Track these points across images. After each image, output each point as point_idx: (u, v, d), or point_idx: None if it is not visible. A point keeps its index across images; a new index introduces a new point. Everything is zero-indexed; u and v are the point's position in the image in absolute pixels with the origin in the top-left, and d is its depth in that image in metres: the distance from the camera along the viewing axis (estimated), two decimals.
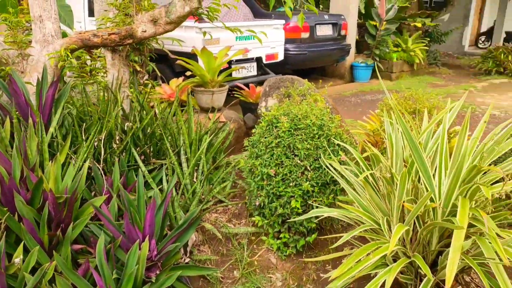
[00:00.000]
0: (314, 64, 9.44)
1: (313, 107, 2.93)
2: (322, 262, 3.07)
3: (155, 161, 3.30)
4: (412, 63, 10.21)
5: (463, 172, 2.11)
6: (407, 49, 10.14)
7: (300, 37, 8.77)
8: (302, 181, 2.73)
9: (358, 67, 9.97)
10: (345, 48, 9.59)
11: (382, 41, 9.92)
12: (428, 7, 15.64)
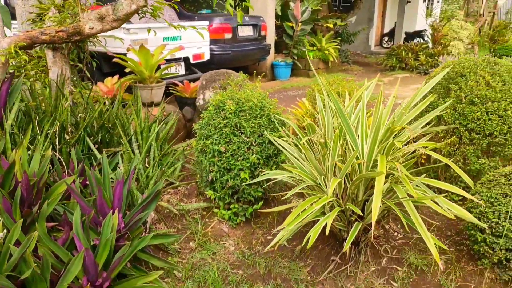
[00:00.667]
0: (238, 64, 9.95)
1: (253, 92, 3.41)
2: (268, 227, 3.55)
3: (109, 150, 3.57)
4: (327, 61, 11.14)
5: (380, 134, 2.70)
6: (321, 48, 11.04)
7: (224, 38, 9.24)
8: (249, 155, 3.19)
9: (279, 66, 10.66)
10: (266, 48, 10.23)
11: (299, 41, 10.72)
12: (336, 10, 16.90)
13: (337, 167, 2.79)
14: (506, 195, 2.57)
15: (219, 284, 3.02)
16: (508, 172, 2.67)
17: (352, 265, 3.07)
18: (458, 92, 3.06)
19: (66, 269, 2.42)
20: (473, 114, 3.00)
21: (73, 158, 3.25)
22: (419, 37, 16.25)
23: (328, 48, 10.99)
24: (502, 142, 3.02)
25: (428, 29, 17.21)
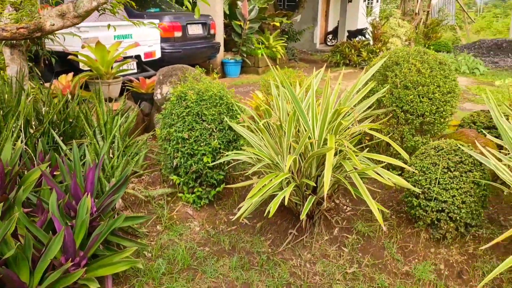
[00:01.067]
0: (188, 62, 10.13)
1: (212, 83, 3.70)
2: (230, 208, 3.85)
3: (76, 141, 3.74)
4: (275, 58, 11.57)
5: (329, 116, 3.08)
6: (269, 46, 11.45)
7: (174, 36, 9.44)
8: (211, 141, 3.48)
9: (228, 64, 10.97)
10: (215, 46, 10.50)
11: (248, 39, 11.08)
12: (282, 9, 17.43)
13: (292, 147, 3.14)
14: (435, 164, 3.03)
15: (187, 260, 3.30)
16: (436, 145, 3.14)
17: (307, 236, 3.44)
18: (394, 79, 3.51)
19: (47, 247, 2.61)
20: (407, 97, 3.45)
21: (41, 149, 3.40)
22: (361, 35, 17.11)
23: (276, 46, 11.42)
24: (432, 121, 3.50)
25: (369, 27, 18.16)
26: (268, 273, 3.18)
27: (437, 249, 3.20)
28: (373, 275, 3.10)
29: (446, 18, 14.82)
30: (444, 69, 3.49)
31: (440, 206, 3.00)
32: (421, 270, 3.07)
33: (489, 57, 13.21)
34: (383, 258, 3.22)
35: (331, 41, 19.27)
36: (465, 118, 4.21)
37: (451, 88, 3.49)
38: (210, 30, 10.32)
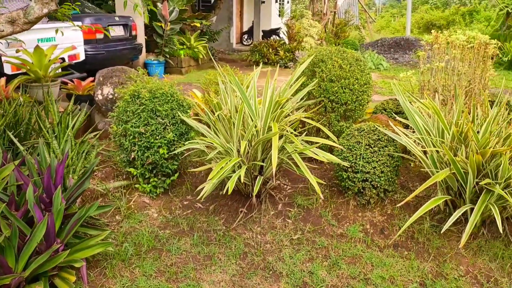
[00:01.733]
0: (111, 63, 10.20)
1: (163, 82, 4.12)
2: (183, 195, 4.30)
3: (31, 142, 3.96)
4: (197, 58, 12.01)
5: (272, 106, 3.66)
6: (191, 46, 11.86)
7: (96, 38, 9.51)
8: (166, 134, 3.91)
9: (151, 64, 11.21)
10: (138, 47, 10.70)
11: (169, 40, 11.40)
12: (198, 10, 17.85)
13: (241, 135, 3.68)
14: (359, 142, 3.74)
15: (151, 242, 3.70)
16: (359, 127, 3.86)
17: (256, 213, 4.01)
18: (321, 74, 4.18)
19: (31, 234, 2.91)
20: (332, 89, 4.14)
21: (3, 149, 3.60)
22: (275, 35, 18.07)
23: (198, 46, 11.86)
24: (353, 109, 4.23)
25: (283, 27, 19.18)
26: (226, 246, 3.69)
27: (363, 213, 3.93)
28: (314, 238, 3.74)
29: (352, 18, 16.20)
30: (360, 65, 4.24)
31: (364, 177, 3.71)
32: (352, 231, 3.77)
33: (390, 54, 14.73)
34: (321, 224, 3.88)
35: (247, 40, 20.05)
36: (377, 106, 5.03)
37: (367, 80, 4.25)
38: (131, 31, 10.49)
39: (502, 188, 3.11)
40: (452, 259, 3.47)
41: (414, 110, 3.63)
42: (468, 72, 4.04)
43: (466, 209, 3.34)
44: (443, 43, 4.12)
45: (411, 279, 3.35)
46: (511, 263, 3.39)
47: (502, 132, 3.22)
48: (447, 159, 3.36)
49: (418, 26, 25.84)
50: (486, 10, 25.18)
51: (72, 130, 4.17)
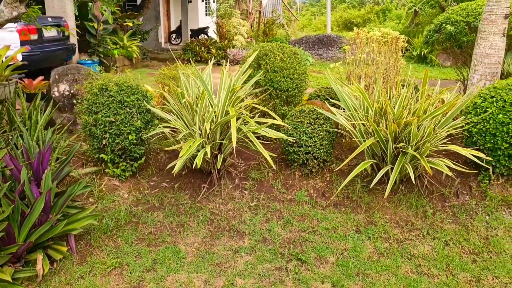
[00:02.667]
0: (46, 64, 10.35)
1: (126, 76, 4.67)
2: (150, 176, 4.87)
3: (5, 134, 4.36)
4: (131, 57, 12.35)
5: (229, 93, 4.37)
6: (124, 46, 12.19)
7: (30, 39, 9.62)
8: (134, 122, 4.48)
9: (86, 64, 11.39)
10: (71, 48, 10.88)
11: (103, 40, 11.66)
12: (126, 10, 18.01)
13: (201, 120, 4.35)
14: (301, 121, 4.56)
15: (128, 216, 4.28)
16: (300, 109, 4.68)
17: (217, 187, 4.69)
18: (266, 65, 4.95)
19: (32, 208, 3.40)
20: (276, 78, 4.93)
21: None
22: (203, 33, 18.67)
23: (131, 46, 12.22)
24: (294, 95, 5.05)
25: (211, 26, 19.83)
26: (194, 215, 4.36)
27: (307, 180, 4.76)
28: (269, 204, 4.51)
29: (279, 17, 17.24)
30: (298, 57, 5.07)
31: (307, 150, 4.53)
32: (299, 196, 4.58)
33: (314, 50, 15.94)
34: (273, 193, 4.66)
35: (175, 40, 20.45)
36: (311, 94, 5.90)
37: (304, 70, 5.09)
38: (64, 31, 10.66)
39: (414, 150, 4.06)
40: (379, 210, 4.39)
41: (345, 93, 4.51)
42: (384, 62, 5.00)
43: (388, 169, 4.27)
44: (364, 38, 5.04)
45: (348, 228, 4.22)
46: (422, 210, 4.37)
47: (411, 107, 4.17)
48: (371, 130, 4.27)
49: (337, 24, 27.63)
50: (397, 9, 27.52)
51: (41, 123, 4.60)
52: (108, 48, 11.77)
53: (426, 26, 17.54)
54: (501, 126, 4.07)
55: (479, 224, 4.18)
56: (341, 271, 3.70)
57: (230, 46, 13.66)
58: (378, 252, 3.94)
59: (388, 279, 3.61)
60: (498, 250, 3.89)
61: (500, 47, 4.78)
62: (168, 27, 20.79)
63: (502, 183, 4.38)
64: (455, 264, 3.75)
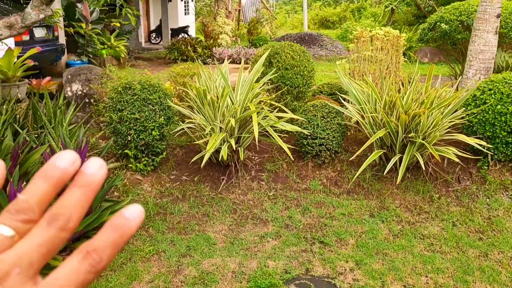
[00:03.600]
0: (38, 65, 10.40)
1: (147, 76, 4.91)
2: (169, 171, 5.12)
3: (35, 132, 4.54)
4: (119, 57, 12.46)
5: (248, 89, 4.66)
6: (112, 46, 12.29)
7: (22, 40, 9.65)
8: (157, 118, 4.73)
9: (74, 65, 11.45)
10: (61, 48, 10.94)
11: (91, 40, 11.74)
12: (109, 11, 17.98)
13: (223, 115, 4.63)
14: (315, 115, 4.90)
15: (155, 207, 4.53)
16: (313, 104, 5.02)
17: (234, 179, 4.99)
18: (277, 63, 5.27)
19: None
20: (287, 76, 5.25)
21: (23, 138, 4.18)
22: (184, 32, 18.83)
23: (119, 46, 12.32)
24: (303, 90, 5.39)
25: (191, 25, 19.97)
26: (217, 205, 4.64)
27: (320, 171, 5.10)
28: (286, 193, 4.84)
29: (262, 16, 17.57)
30: (306, 55, 5.41)
31: (321, 142, 4.88)
32: (314, 185, 4.92)
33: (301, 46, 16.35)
34: (289, 183, 4.98)
35: (155, 39, 20.53)
36: (314, 90, 6.25)
37: (312, 68, 5.43)
38: (54, 32, 10.71)
39: (422, 139, 4.45)
40: (389, 197, 4.78)
41: (354, 88, 4.88)
42: (386, 59, 5.39)
43: (397, 159, 4.65)
44: (367, 37, 5.42)
45: (363, 213, 4.59)
46: (428, 195, 4.78)
47: (419, 99, 4.57)
48: (380, 122, 4.65)
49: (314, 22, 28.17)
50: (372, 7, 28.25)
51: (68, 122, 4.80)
52: (97, 48, 11.86)
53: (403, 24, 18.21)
54: (499, 116, 4.51)
55: (481, 206, 4.61)
56: (362, 251, 4.06)
57: (216, 45, 13.90)
58: (393, 234, 4.31)
59: (405, 257, 3.98)
60: (500, 228, 4.33)
61: (493, 43, 5.24)
62: (148, 27, 20.85)
63: (500, 168, 4.83)
64: (463, 242, 4.16)
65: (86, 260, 0.35)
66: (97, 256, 0.35)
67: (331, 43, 16.26)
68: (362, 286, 3.61)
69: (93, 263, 0.35)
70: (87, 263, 0.35)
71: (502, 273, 3.75)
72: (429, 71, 4.71)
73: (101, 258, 0.35)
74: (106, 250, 0.36)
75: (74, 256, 0.35)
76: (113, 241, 0.36)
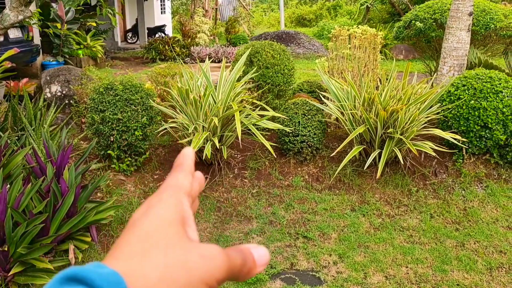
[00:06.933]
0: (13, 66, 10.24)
1: (128, 76, 4.94)
2: (152, 170, 5.16)
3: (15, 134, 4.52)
4: (96, 57, 12.36)
5: (230, 88, 4.74)
6: (88, 46, 12.19)
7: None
8: (140, 118, 4.76)
9: (51, 65, 11.31)
10: (36, 49, 10.80)
11: (67, 40, 11.62)
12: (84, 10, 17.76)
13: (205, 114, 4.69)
14: (296, 113, 5.00)
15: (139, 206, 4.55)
16: (294, 102, 5.12)
17: (218, 177, 5.06)
18: (258, 62, 5.35)
19: (62, 202, 3.64)
20: (268, 74, 5.34)
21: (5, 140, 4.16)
22: (160, 32, 18.75)
23: (96, 46, 12.22)
24: (284, 89, 5.49)
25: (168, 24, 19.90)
26: (201, 204, 4.70)
27: (301, 167, 5.21)
28: (269, 190, 4.93)
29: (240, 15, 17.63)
30: (286, 54, 5.51)
31: (302, 139, 4.99)
32: (296, 181, 5.03)
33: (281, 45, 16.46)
34: (272, 180, 5.08)
35: (132, 38, 20.37)
36: (295, 87, 6.35)
37: (292, 66, 5.54)
38: (29, 33, 10.57)
39: (400, 135, 4.60)
40: (370, 191, 4.92)
41: (334, 85, 5.00)
42: (364, 57, 5.53)
43: (376, 154, 4.79)
44: (345, 35, 5.54)
45: (344, 207, 4.71)
46: (407, 188, 4.94)
47: (396, 96, 4.71)
48: (360, 118, 4.78)
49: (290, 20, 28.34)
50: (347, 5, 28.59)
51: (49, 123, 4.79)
52: (73, 49, 11.74)
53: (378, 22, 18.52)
54: (473, 111, 4.69)
55: (457, 198, 4.79)
56: (344, 244, 4.18)
57: (194, 44, 13.91)
58: (374, 227, 4.45)
59: (386, 249, 4.12)
60: (476, 219, 4.51)
61: (466, 41, 5.43)
62: (124, 26, 20.68)
63: (474, 161, 5.02)
64: (441, 232, 4.33)
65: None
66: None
67: (308, 41, 16.43)
68: (345, 278, 3.73)
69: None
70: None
71: (478, 261, 3.92)
72: (405, 69, 4.86)
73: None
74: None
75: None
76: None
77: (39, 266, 3.41)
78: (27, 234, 3.30)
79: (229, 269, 0.43)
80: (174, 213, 0.44)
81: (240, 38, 14.86)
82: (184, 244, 0.41)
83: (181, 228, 0.43)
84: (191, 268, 0.40)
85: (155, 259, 0.39)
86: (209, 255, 0.42)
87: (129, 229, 0.43)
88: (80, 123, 5.59)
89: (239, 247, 0.46)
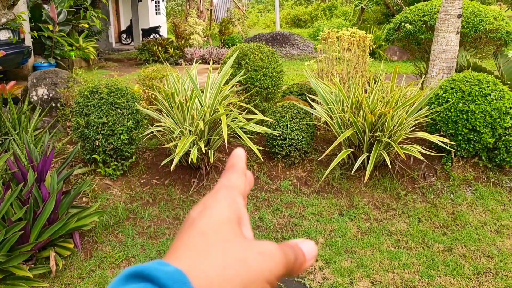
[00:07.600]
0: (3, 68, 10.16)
1: (114, 79, 4.87)
2: (139, 174, 5.10)
3: None
4: (88, 59, 12.28)
5: (217, 91, 4.68)
6: (81, 47, 12.11)
7: None
8: (125, 122, 4.70)
9: (42, 67, 11.23)
10: (27, 51, 10.71)
11: (58, 42, 11.54)
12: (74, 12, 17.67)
13: (191, 118, 4.64)
14: (284, 116, 4.95)
15: (125, 213, 4.50)
16: (282, 105, 5.07)
17: (205, 181, 5.00)
18: (246, 65, 5.30)
19: (43, 208, 3.58)
20: (256, 77, 5.28)
21: None
22: (155, 33, 18.69)
23: (88, 47, 12.15)
24: (273, 92, 5.43)
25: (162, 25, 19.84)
26: (188, 209, 4.64)
27: (290, 171, 5.16)
28: (257, 194, 4.88)
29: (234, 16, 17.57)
30: (275, 57, 5.46)
31: (290, 142, 4.93)
32: (284, 185, 4.98)
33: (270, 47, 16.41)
34: (259, 184, 5.02)
35: (126, 39, 20.29)
36: (284, 90, 6.30)
37: (281, 69, 5.48)
38: (20, 34, 10.48)
39: (388, 138, 4.55)
40: (358, 195, 4.87)
41: (322, 88, 4.95)
42: (353, 59, 5.48)
43: (365, 157, 4.74)
44: (334, 37, 5.50)
45: (332, 211, 4.66)
46: (395, 192, 4.89)
47: (384, 99, 4.67)
48: (348, 122, 4.73)
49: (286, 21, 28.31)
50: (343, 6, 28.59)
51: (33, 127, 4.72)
52: (65, 50, 11.66)
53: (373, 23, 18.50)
54: (461, 114, 4.65)
55: (446, 202, 4.74)
56: (331, 249, 4.13)
57: (187, 45, 13.84)
58: (361, 231, 4.40)
59: (373, 254, 4.07)
60: (464, 223, 4.46)
61: (455, 43, 5.39)
62: (118, 27, 20.60)
63: (463, 164, 4.98)
64: (428, 237, 4.28)
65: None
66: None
67: (303, 42, 16.39)
68: (331, 285, 3.68)
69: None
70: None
71: (466, 266, 3.88)
72: (393, 71, 4.82)
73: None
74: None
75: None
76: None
77: (18, 274, 3.35)
78: (6, 241, 3.24)
79: (286, 264, 0.44)
80: (230, 213, 0.46)
81: (234, 40, 14.81)
82: (242, 242, 0.43)
83: (237, 227, 0.45)
84: (251, 266, 0.41)
85: (214, 258, 0.40)
86: (268, 252, 0.43)
87: (187, 229, 0.45)
88: (66, 126, 5.53)
89: (288, 242, 0.47)
